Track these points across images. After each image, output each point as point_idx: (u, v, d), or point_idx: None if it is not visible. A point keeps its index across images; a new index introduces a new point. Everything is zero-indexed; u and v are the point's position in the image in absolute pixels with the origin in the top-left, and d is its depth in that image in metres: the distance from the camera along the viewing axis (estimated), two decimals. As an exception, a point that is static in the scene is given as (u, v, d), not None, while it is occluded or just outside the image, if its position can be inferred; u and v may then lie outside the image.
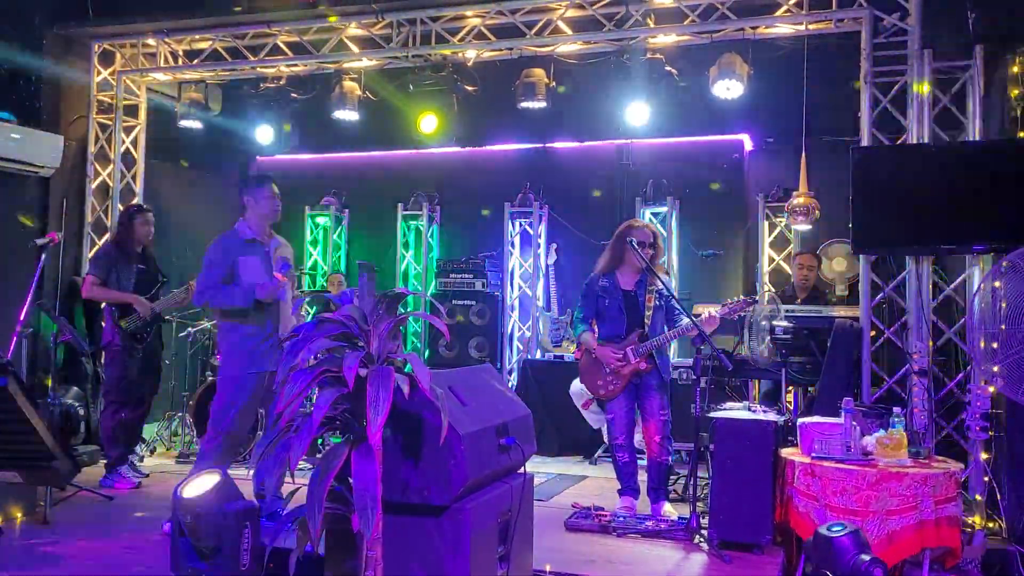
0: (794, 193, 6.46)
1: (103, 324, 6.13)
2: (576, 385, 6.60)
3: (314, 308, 8.29)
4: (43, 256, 5.83)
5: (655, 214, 8.19)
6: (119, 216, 6.50)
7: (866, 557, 3.60)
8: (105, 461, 6.06)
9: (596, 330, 5.35)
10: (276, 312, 4.87)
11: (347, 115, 7.57)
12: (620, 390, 5.21)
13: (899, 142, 5.69)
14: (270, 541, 3.08)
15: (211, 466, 4.77)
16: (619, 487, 5.36)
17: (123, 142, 7.94)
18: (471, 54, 7.20)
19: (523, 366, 8.27)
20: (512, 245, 8.90)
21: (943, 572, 4.26)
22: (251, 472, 5.03)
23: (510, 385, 8.13)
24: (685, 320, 5.11)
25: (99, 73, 7.86)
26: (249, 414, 4.87)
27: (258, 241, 4.93)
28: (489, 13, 6.87)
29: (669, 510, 5.16)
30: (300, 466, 2.91)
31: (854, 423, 4.31)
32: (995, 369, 4.44)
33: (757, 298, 5.31)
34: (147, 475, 6.22)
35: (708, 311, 5.14)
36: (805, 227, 6.70)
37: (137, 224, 6.14)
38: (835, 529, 3.79)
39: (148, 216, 6.23)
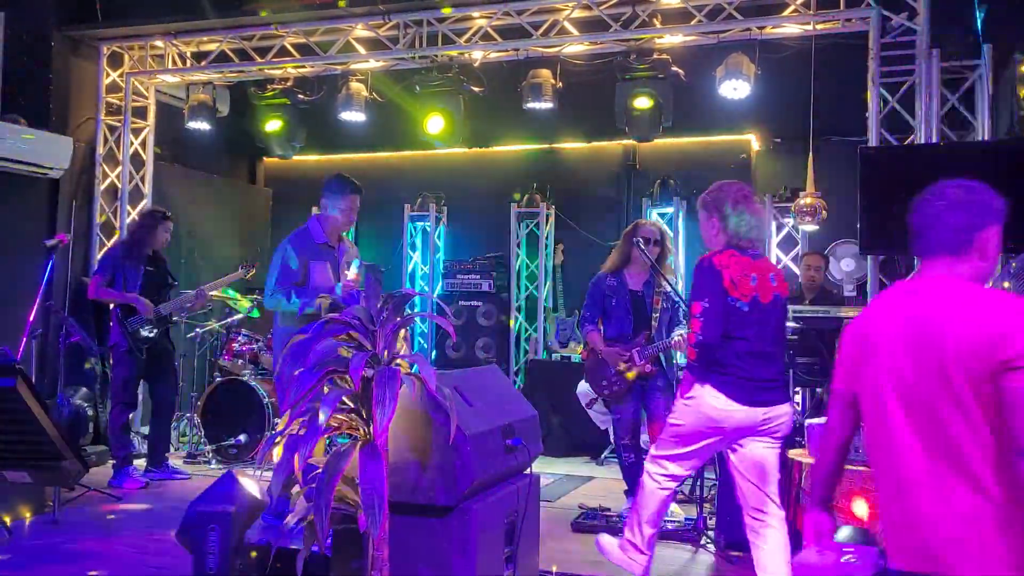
0: (801, 193, 6.44)
1: (110, 325, 6.16)
2: (583, 385, 6.60)
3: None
4: (52, 257, 5.86)
5: (662, 214, 8.17)
6: (142, 218, 6.50)
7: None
8: (113, 461, 6.09)
9: (602, 329, 5.34)
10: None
11: (354, 116, 7.58)
12: (625, 391, 5.21)
13: (907, 142, 5.67)
14: (276, 541, 3.09)
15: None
16: (626, 488, 5.35)
17: (132, 143, 7.97)
18: (478, 55, 7.21)
19: (530, 367, 8.27)
20: (519, 246, 8.90)
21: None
22: (258, 472, 5.03)
23: (516, 386, 8.13)
24: (676, 335, 5.09)
25: (108, 75, 7.89)
26: None
27: (330, 246, 4.93)
28: (496, 14, 6.87)
29: (676, 511, 5.15)
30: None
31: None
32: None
33: None
34: (189, 476, 6.28)
35: (680, 335, 5.02)
36: (812, 227, 6.68)
37: (160, 230, 6.20)
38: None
39: (169, 224, 6.29)
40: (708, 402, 3.40)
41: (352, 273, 4.75)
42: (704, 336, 3.37)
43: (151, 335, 6.06)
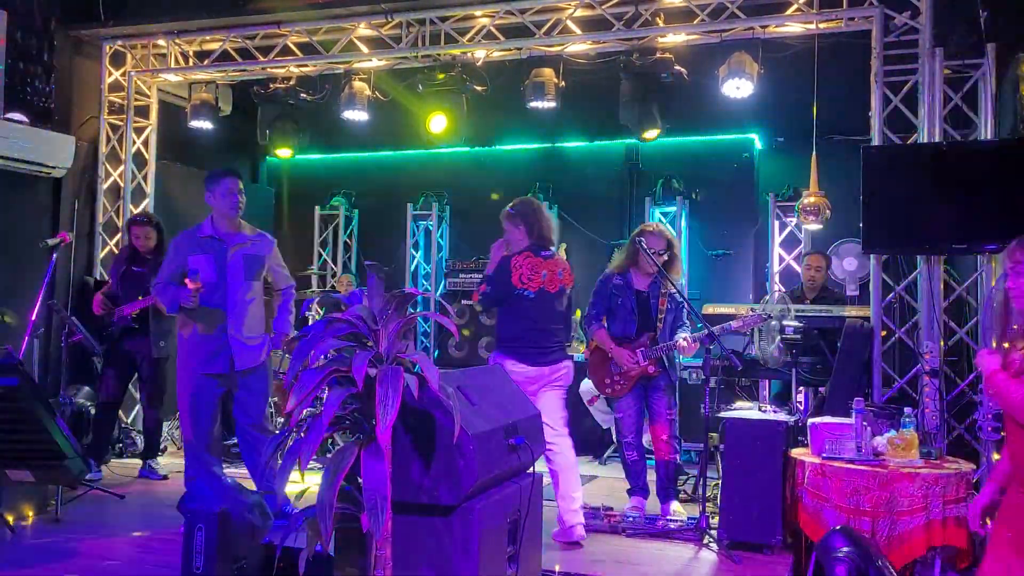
0: (804, 192, 6.43)
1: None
2: (586, 383, 6.60)
3: (324, 308, 8.31)
4: (54, 256, 5.86)
5: (664, 213, 8.17)
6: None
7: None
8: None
9: (607, 327, 5.35)
10: (222, 314, 4.78)
11: (356, 115, 7.57)
12: (626, 390, 5.21)
13: (910, 141, 5.67)
14: (280, 540, 3.09)
15: (197, 463, 4.80)
16: (628, 487, 5.35)
17: (134, 142, 7.98)
18: (480, 54, 7.21)
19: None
20: (521, 245, 8.88)
21: (954, 573, 4.24)
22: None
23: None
24: (680, 337, 5.13)
25: (110, 74, 7.90)
26: (203, 415, 4.81)
27: (216, 239, 4.85)
28: (498, 13, 6.87)
29: (678, 510, 5.15)
30: (310, 465, 2.92)
31: (865, 423, 4.29)
32: (1007, 369, 4.41)
33: (763, 314, 5.28)
34: (165, 476, 6.29)
35: (684, 338, 5.12)
36: (816, 227, 6.67)
37: (131, 236, 6.29)
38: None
39: (137, 229, 6.27)
40: (509, 368, 4.45)
41: (191, 282, 4.68)
42: (483, 301, 4.82)
43: (112, 336, 6.11)
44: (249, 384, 4.88)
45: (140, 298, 6.00)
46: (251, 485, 4.71)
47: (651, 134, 6.98)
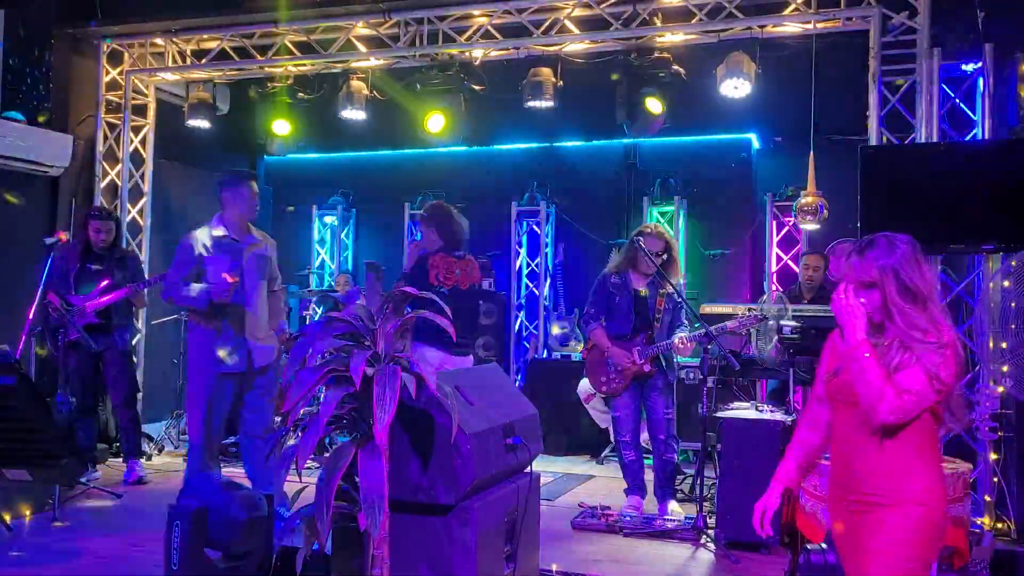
0: (802, 192, 6.43)
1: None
2: (584, 382, 6.60)
3: (322, 307, 8.31)
4: (52, 255, 5.85)
5: (662, 213, 8.17)
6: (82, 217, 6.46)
7: None
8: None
9: (604, 327, 5.36)
10: (241, 312, 4.81)
11: (354, 114, 7.56)
12: (622, 389, 5.22)
13: (908, 141, 5.67)
14: (277, 540, 3.09)
15: (199, 462, 4.80)
16: (626, 486, 5.35)
17: (131, 141, 7.96)
18: (478, 53, 7.20)
19: (530, 365, 8.27)
20: (519, 244, 8.89)
21: (951, 573, 4.24)
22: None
23: (517, 384, 8.13)
24: (677, 337, 5.15)
25: (107, 73, 7.88)
26: (216, 416, 4.83)
27: (229, 238, 4.89)
28: (496, 12, 6.86)
29: (676, 509, 5.15)
30: (307, 465, 2.92)
31: (862, 423, 4.29)
32: (1004, 369, 4.42)
33: (759, 314, 5.29)
34: (140, 479, 6.13)
35: (680, 338, 5.15)
36: (813, 226, 6.67)
37: (90, 229, 6.09)
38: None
39: (96, 223, 6.11)
40: (429, 356, 4.67)
41: (229, 276, 4.72)
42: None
43: (62, 336, 5.80)
44: (262, 385, 4.94)
45: (102, 295, 5.89)
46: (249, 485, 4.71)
47: (649, 134, 6.97)
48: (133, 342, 6.25)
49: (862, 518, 2.38)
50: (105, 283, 5.95)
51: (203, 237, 4.87)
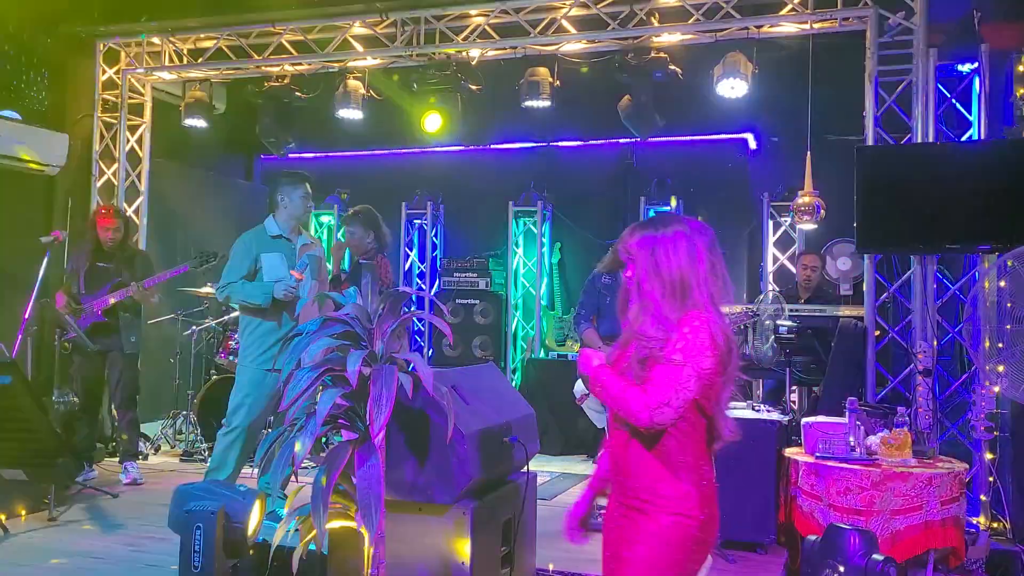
0: (799, 192, 6.44)
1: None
2: (579, 383, 6.60)
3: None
4: (48, 254, 5.84)
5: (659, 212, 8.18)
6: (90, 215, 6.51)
7: (879, 557, 3.57)
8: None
9: (596, 327, 5.36)
10: (293, 310, 4.87)
11: (351, 114, 7.56)
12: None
13: (904, 141, 5.68)
14: (273, 540, 3.09)
15: (224, 457, 4.80)
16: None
17: (128, 141, 7.95)
18: (475, 53, 7.19)
19: (527, 365, 8.27)
20: (516, 244, 8.89)
21: (947, 572, 4.25)
22: (255, 470, 5.03)
23: (514, 384, 8.13)
24: None
25: (104, 72, 7.87)
26: (263, 411, 4.86)
27: (284, 238, 5.00)
28: (493, 12, 6.86)
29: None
30: (304, 464, 2.92)
31: (858, 423, 4.31)
32: (1000, 369, 4.43)
33: (755, 310, 5.29)
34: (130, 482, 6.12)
35: None
36: (810, 226, 6.68)
37: (99, 228, 6.11)
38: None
39: (104, 221, 6.13)
40: None
41: (297, 273, 4.82)
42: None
43: (67, 335, 5.90)
44: None
45: (110, 293, 5.91)
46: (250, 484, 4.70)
47: (646, 134, 6.98)
48: (138, 343, 6.21)
49: (626, 523, 2.41)
50: (113, 282, 6.01)
51: (258, 238, 4.99)
